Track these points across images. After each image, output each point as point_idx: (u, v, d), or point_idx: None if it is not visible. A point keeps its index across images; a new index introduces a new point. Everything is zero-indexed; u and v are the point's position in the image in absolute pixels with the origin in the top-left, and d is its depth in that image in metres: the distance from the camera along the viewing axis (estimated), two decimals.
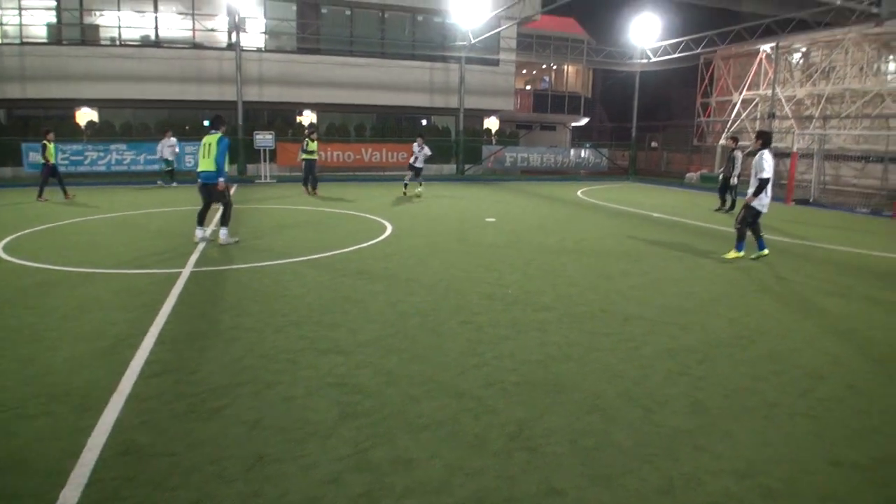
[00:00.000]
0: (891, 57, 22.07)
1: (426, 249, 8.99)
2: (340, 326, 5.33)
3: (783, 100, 24.94)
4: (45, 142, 14.31)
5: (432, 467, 3.14)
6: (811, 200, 18.55)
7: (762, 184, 8.49)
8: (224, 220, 9.02)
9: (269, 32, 24.45)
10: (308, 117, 25.79)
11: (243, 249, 8.67)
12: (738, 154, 14.82)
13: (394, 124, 26.32)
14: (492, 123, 29.27)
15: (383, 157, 23.99)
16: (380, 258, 8.28)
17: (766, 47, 25.31)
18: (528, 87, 37.34)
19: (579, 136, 37.38)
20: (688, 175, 26.13)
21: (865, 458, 3.39)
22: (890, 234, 12.59)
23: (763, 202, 8.63)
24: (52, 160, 14.48)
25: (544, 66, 36.91)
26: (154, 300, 6.00)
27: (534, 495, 2.93)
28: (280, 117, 25.16)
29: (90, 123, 22.25)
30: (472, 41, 24.45)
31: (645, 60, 28.11)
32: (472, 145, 25.97)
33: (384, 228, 10.80)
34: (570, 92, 35.05)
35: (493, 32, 24.47)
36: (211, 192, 8.85)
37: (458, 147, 25.45)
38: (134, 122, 22.98)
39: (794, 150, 19.17)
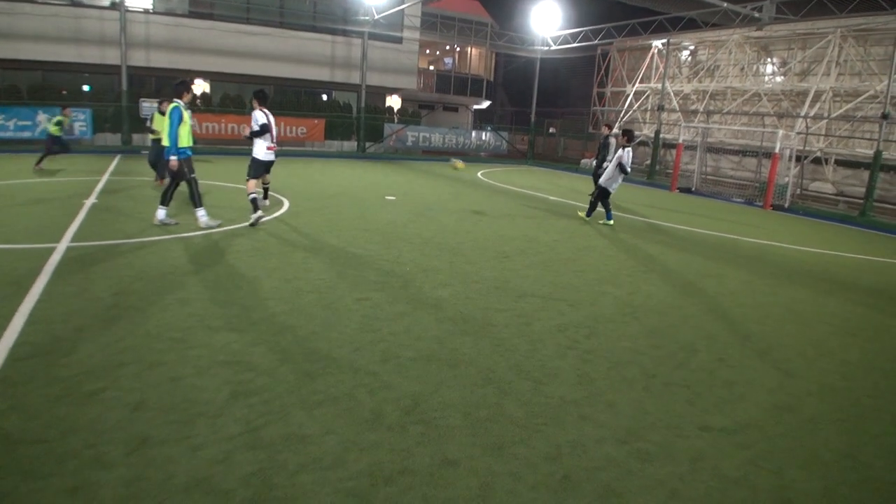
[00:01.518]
0: (768, 59, 23.95)
1: (324, 226, 8.82)
2: (233, 304, 5.14)
3: (672, 94, 26.49)
4: None
5: (327, 443, 3.11)
6: (693, 189, 19.89)
7: (622, 171, 10.57)
8: (193, 200, 8.12)
9: None
10: (200, 86, 24.43)
11: (127, 223, 8.11)
12: (612, 141, 15.66)
13: (293, 98, 25.47)
14: (394, 102, 29.03)
15: (282, 130, 23.13)
16: (275, 234, 8.03)
17: (658, 43, 26.71)
18: (431, 68, 37.30)
19: (481, 119, 37.89)
20: (583, 161, 27.19)
21: (732, 423, 3.72)
22: (759, 223, 13.77)
23: (613, 186, 10.80)
24: None
25: (448, 47, 36.97)
26: (23, 277, 5.49)
27: (428, 466, 2.98)
28: (169, 85, 23.62)
29: None
30: (376, 17, 24.04)
31: (545, 48, 28.83)
32: (374, 123, 25.65)
33: (281, 204, 10.48)
34: (472, 74, 35.35)
35: (397, 9, 24.16)
36: (178, 167, 7.84)
37: (360, 124, 25.07)
38: (2, 83, 20.73)
39: (680, 141, 20.44)
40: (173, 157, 7.75)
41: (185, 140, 7.83)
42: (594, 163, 15.97)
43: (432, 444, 3.19)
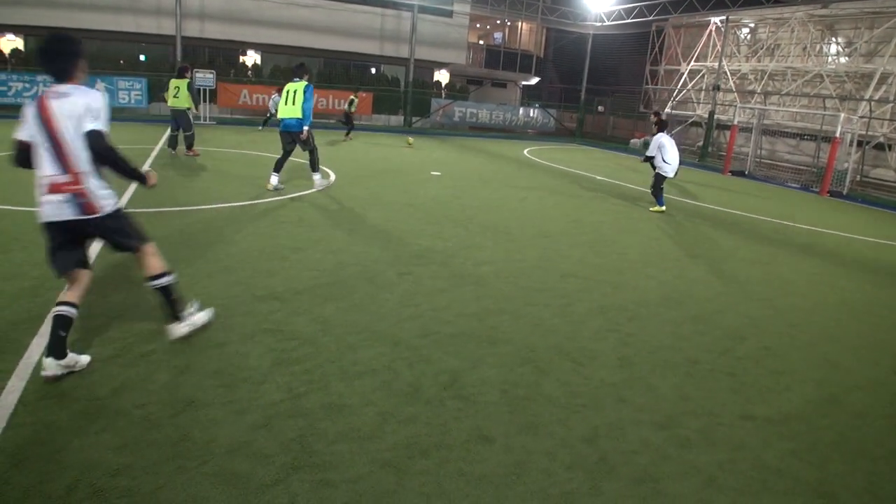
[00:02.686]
0: (832, 39, 22.80)
1: (368, 200, 8.88)
2: (277, 274, 5.24)
3: (728, 73, 25.51)
4: None
5: (365, 414, 3.17)
6: (746, 172, 19.25)
7: (648, 159, 10.46)
8: (314, 166, 9.24)
9: None
10: (252, 58, 24.75)
11: (176, 192, 8.35)
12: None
13: (342, 71, 25.58)
14: (442, 76, 28.85)
15: (329, 103, 23.31)
16: (320, 207, 8.14)
17: (716, 19, 25.69)
18: (480, 42, 36.81)
19: (529, 96, 37.32)
20: (632, 141, 26.59)
21: (776, 414, 3.63)
22: (815, 209, 13.26)
23: (665, 170, 10.26)
24: None
25: (498, 22, 36.39)
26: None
27: (464, 442, 3.00)
28: (222, 55, 24.04)
29: (15, 51, 20.66)
30: None
31: (598, 24, 28.11)
32: (421, 97, 25.57)
33: (327, 176, 10.60)
34: (522, 50, 34.76)
35: None
36: (295, 138, 8.72)
37: (407, 98, 25.03)
38: None
39: (735, 122, 19.74)
40: (305, 128, 8.56)
41: (299, 113, 8.52)
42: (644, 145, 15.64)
43: (469, 419, 3.21)
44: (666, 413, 3.49)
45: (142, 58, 23.08)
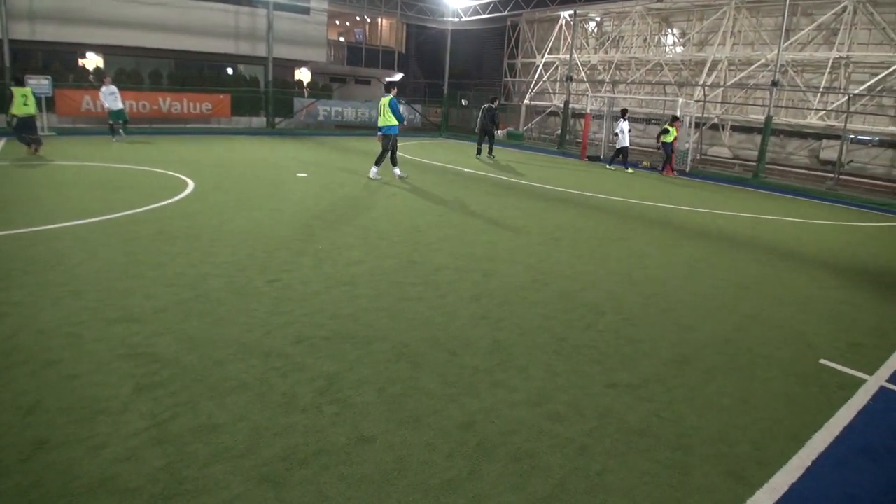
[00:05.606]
0: (669, 31, 24.87)
1: (232, 206, 8.50)
2: (134, 293, 4.89)
3: (579, 64, 27.08)
4: None
5: (238, 431, 3.04)
6: (602, 157, 20.53)
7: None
8: (378, 161, 12.18)
9: None
10: (93, 61, 22.78)
11: (10, 212, 7.52)
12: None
13: (196, 72, 24.21)
14: (304, 75, 28.17)
15: (184, 107, 21.99)
16: (180, 217, 7.67)
17: (565, 14, 27.15)
18: (341, 39, 36.36)
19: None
20: (497, 133, 27.45)
21: (636, 379, 3.92)
22: (663, 187, 14.43)
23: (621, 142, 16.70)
24: None
25: (358, 18, 36.13)
26: None
27: (343, 445, 2.97)
28: (58, 60, 21.86)
29: None
30: None
31: (456, 19, 28.72)
32: (283, 97, 24.81)
33: (185, 185, 10.01)
34: (384, 46, 34.76)
35: None
36: (390, 139, 12.03)
37: (268, 98, 24.20)
38: None
39: (588, 111, 20.99)
40: (380, 133, 12.14)
41: (393, 121, 11.96)
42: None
43: (347, 422, 3.18)
44: (537, 391, 3.66)
45: None
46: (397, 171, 12.27)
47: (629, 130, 17.36)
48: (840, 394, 3.99)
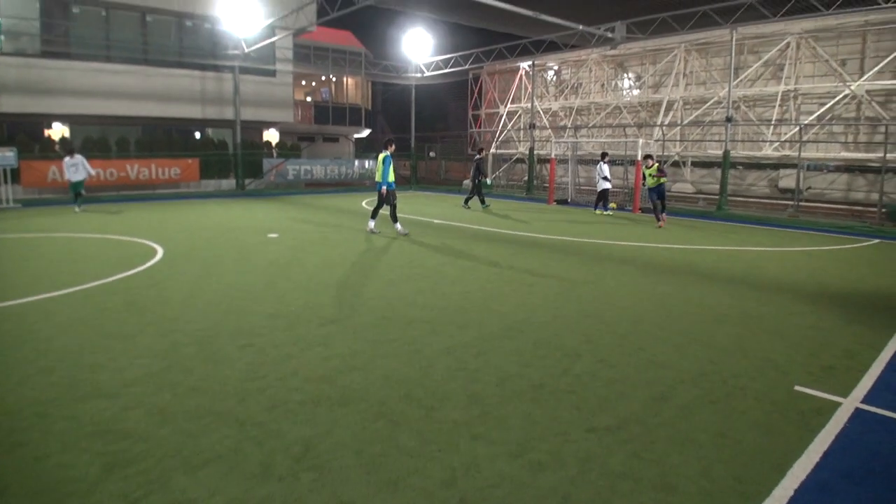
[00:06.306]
0: (625, 75, 25.80)
1: (202, 272, 8.43)
2: (103, 367, 4.77)
3: (541, 112, 27.86)
4: None
5: None
6: (569, 200, 20.92)
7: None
8: (394, 218, 12.55)
9: (6, 32, 20.93)
10: (59, 130, 22.73)
11: None
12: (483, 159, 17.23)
13: (163, 137, 24.29)
14: (272, 136, 28.45)
15: (153, 173, 21.97)
16: (149, 286, 7.57)
17: (524, 65, 28.06)
18: (308, 99, 36.93)
19: (363, 148, 37.91)
20: (465, 182, 27.85)
21: (615, 421, 3.92)
22: (630, 226, 14.70)
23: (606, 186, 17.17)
24: None
25: (323, 78, 36.83)
26: None
27: None
28: (23, 131, 21.78)
29: None
30: (246, 50, 23.55)
31: (419, 75, 29.44)
32: (252, 159, 24.96)
33: (154, 252, 9.91)
34: (350, 104, 35.38)
35: (267, 42, 23.82)
36: (385, 195, 12.21)
37: (237, 161, 24.31)
38: None
39: (553, 156, 21.48)
40: (384, 188, 12.12)
41: (391, 177, 12.17)
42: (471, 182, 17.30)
43: (326, 488, 3.11)
44: (517, 441, 3.63)
45: None
46: (398, 226, 12.46)
47: (605, 175, 17.31)
48: (817, 419, 4.04)
